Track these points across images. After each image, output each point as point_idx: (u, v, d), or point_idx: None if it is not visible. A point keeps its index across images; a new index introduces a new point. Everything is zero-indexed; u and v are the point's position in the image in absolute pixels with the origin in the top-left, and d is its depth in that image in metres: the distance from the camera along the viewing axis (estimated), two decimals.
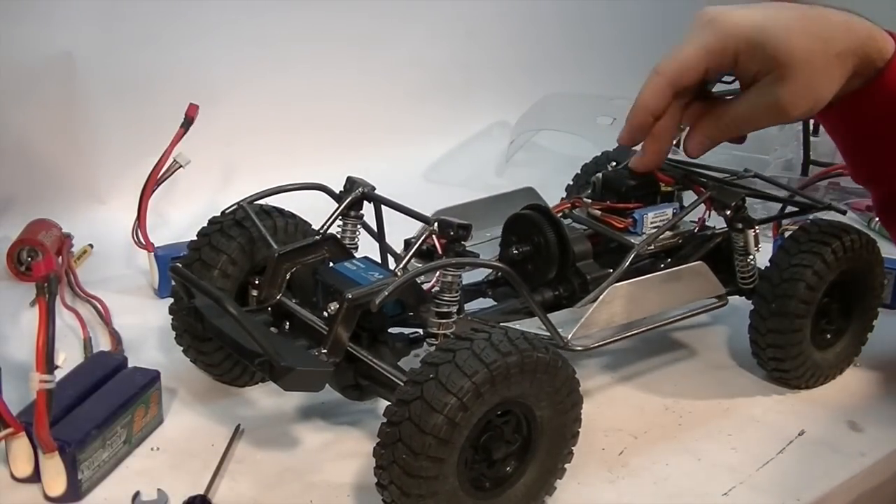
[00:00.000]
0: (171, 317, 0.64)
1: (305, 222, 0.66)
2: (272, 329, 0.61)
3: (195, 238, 0.64)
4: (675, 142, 0.76)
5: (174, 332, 0.65)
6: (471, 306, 0.66)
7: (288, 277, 0.61)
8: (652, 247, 0.67)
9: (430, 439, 0.47)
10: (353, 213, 0.65)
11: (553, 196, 0.73)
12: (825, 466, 0.62)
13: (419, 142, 1.12)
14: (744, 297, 0.71)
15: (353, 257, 0.62)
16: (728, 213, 0.69)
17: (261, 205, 0.64)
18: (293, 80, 1.03)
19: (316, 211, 0.65)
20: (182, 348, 0.65)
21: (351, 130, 1.08)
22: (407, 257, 0.58)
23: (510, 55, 1.21)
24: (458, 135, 1.19)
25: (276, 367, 0.52)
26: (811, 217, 0.74)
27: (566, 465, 0.55)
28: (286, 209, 0.66)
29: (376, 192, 0.65)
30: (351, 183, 0.65)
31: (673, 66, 0.62)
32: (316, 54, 1.04)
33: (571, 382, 0.53)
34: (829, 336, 0.71)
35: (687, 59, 0.61)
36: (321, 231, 0.63)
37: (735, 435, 0.64)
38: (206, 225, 0.64)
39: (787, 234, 0.74)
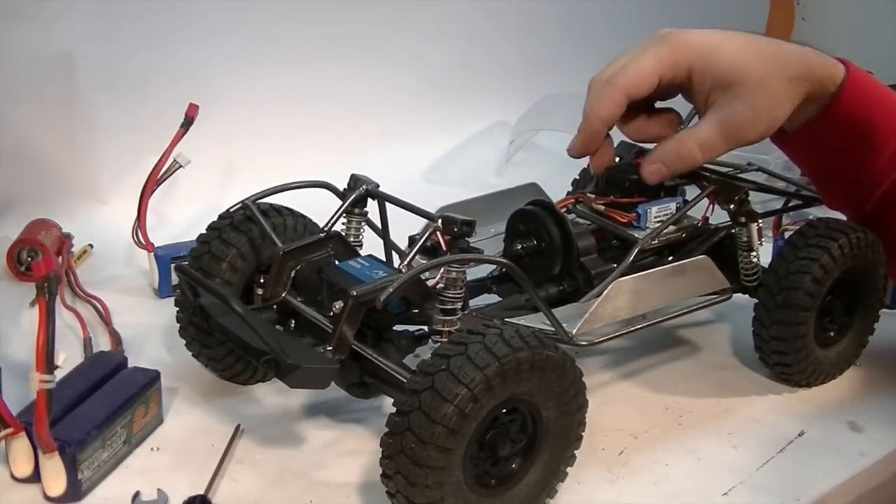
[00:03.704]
0: (177, 308, 0.64)
1: (314, 222, 0.66)
2: (277, 327, 0.61)
3: (204, 232, 0.64)
4: None
5: (178, 325, 0.64)
6: (475, 302, 0.66)
7: (293, 275, 0.61)
8: (656, 241, 0.68)
9: (440, 429, 0.48)
10: (357, 211, 0.65)
11: (553, 197, 0.73)
12: (825, 466, 0.62)
13: (419, 142, 1.12)
14: (747, 296, 0.71)
15: (358, 255, 0.63)
16: (731, 206, 0.69)
17: (270, 203, 0.65)
18: (293, 80, 1.03)
19: (319, 209, 0.65)
20: (185, 342, 0.65)
21: (350, 130, 1.08)
22: (411, 254, 0.58)
23: (510, 55, 1.21)
24: (458, 135, 1.19)
25: (282, 365, 0.52)
26: (812, 215, 0.74)
27: (568, 469, 0.55)
28: (295, 209, 0.66)
29: (380, 189, 0.65)
30: (355, 180, 0.65)
31: (628, 78, 0.63)
32: (316, 54, 1.04)
33: (579, 384, 0.53)
34: (831, 334, 0.71)
35: (642, 70, 0.62)
36: (325, 229, 0.63)
37: (735, 435, 0.64)
38: (214, 220, 0.64)
39: (786, 234, 0.74)
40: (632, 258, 0.64)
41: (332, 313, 0.57)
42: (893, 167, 0.67)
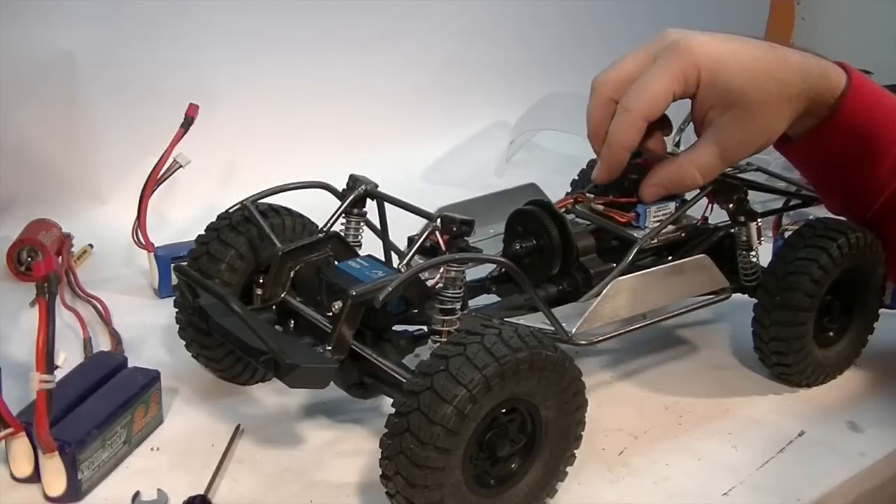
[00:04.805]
0: (176, 310, 0.64)
1: (313, 223, 0.66)
2: (276, 327, 0.61)
3: (203, 232, 0.64)
4: (675, 141, 0.77)
5: (178, 326, 0.65)
6: (474, 302, 0.66)
7: (292, 276, 0.61)
8: (655, 241, 0.68)
9: (439, 429, 0.48)
10: (356, 211, 0.65)
11: (552, 197, 0.73)
12: (825, 466, 0.62)
13: (419, 142, 1.12)
14: (746, 296, 0.71)
15: (357, 255, 0.63)
16: (730, 206, 0.69)
17: (269, 203, 0.65)
18: (293, 80, 1.03)
19: (318, 210, 0.65)
20: (185, 343, 0.65)
21: (350, 130, 1.08)
22: (410, 254, 0.58)
23: (510, 55, 1.21)
24: (458, 135, 1.19)
25: (282, 365, 0.52)
26: (811, 215, 0.74)
27: (568, 469, 0.55)
28: (294, 209, 0.66)
29: (379, 189, 0.65)
30: (354, 181, 0.65)
31: (644, 102, 0.63)
32: (316, 54, 1.04)
33: (578, 384, 0.53)
34: (831, 334, 0.71)
35: (656, 93, 0.63)
36: (324, 229, 0.63)
37: (735, 434, 0.64)
38: (213, 221, 0.64)
39: (786, 233, 0.74)
40: (631, 257, 0.64)
41: (331, 313, 0.57)
42: (894, 176, 0.67)
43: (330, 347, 0.55)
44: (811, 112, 0.65)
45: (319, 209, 0.65)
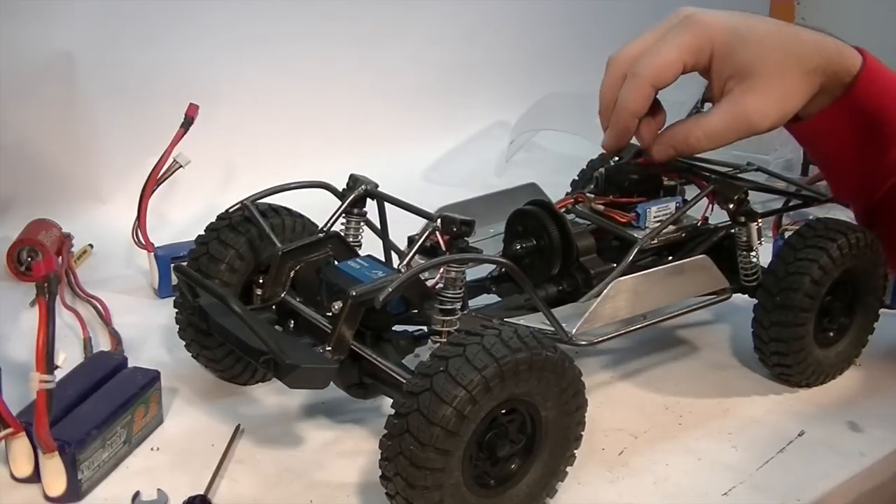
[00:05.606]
0: (176, 311, 0.64)
1: (312, 222, 0.66)
2: (276, 327, 0.61)
3: (202, 233, 0.64)
4: None
5: (178, 327, 0.65)
6: (475, 302, 0.66)
7: (292, 276, 0.61)
8: (655, 241, 0.68)
9: (438, 430, 0.48)
10: (356, 211, 0.65)
11: (552, 197, 0.73)
12: (825, 466, 0.62)
13: (419, 142, 1.13)
14: (746, 296, 0.71)
15: (357, 255, 0.63)
16: (731, 206, 0.69)
17: (269, 203, 0.65)
18: (293, 81, 1.03)
19: (318, 210, 0.65)
20: (185, 343, 0.65)
21: (350, 130, 1.08)
22: (410, 254, 0.58)
23: (510, 55, 1.21)
24: (458, 135, 1.19)
25: (281, 365, 0.52)
26: (812, 215, 0.74)
27: (568, 469, 0.55)
28: (293, 209, 0.66)
29: (379, 189, 0.65)
30: (354, 180, 0.65)
31: (653, 68, 0.63)
32: (316, 54, 1.05)
33: (577, 384, 0.53)
34: (831, 334, 0.71)
35: (666, 60, 0.63)
36: (324, 229, 0.63)
37: (735, 435, 0.64)
38: (213, 221, 0.64)
39: (786, 234, 0.74)
40: (631, 258, 0.64)
41: (330, 313, 0.57)
42: None
43: (330, 348, 0.55)
44: (826, 89, 0.64)
45: (319, 209, 0.65)
